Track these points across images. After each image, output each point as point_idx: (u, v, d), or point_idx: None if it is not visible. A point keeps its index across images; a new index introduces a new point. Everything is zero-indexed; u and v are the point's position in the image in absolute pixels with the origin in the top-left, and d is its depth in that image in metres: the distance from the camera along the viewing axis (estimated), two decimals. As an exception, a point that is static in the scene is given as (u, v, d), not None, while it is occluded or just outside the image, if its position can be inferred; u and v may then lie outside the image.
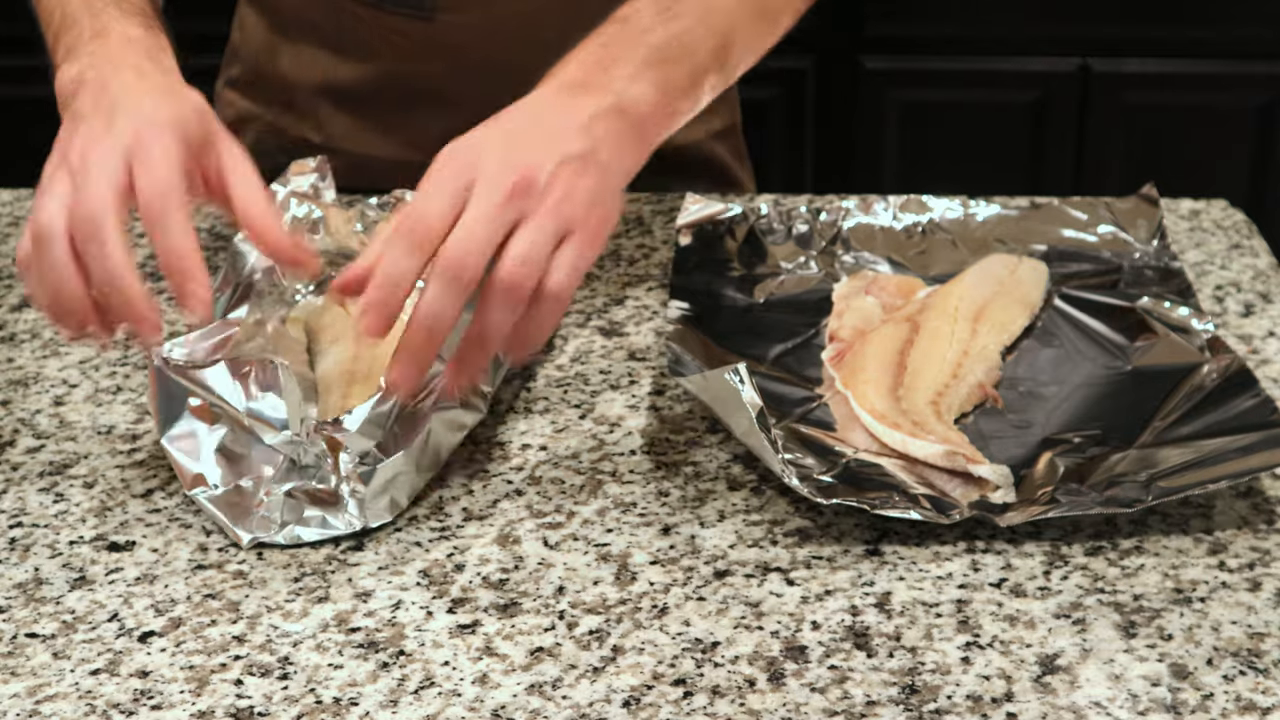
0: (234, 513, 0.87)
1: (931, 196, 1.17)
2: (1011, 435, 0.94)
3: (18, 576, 0.85)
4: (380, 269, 0.84)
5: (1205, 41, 2.29)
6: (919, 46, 2.33)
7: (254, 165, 0.93)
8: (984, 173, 2.29)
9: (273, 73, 1.32)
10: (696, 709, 0.74)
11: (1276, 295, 1.10)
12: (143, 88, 0.92)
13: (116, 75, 0.93)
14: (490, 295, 0.85)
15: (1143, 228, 1.14)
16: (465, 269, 0.84)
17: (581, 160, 0.88)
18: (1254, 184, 2.32)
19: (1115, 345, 1.02)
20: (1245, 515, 0.87)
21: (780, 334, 1.05)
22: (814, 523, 0.87)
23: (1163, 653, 0.77)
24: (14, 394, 1.02)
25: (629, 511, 0.89)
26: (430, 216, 0.85)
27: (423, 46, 1.25)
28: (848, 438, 0.93)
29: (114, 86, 0.92)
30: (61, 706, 0.75)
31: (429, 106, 1.27)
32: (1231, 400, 0.93)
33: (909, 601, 0.81)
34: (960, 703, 0.74)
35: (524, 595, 0.82)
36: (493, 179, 0.85)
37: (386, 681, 0.76)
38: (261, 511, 0.86)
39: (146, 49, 0.96)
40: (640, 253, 1.19)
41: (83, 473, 0.94)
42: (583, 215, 0.87)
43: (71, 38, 0.98)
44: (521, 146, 0.87)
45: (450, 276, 0.84)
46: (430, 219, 0.85)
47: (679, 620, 0.80)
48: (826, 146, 2.38)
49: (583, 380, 1.02)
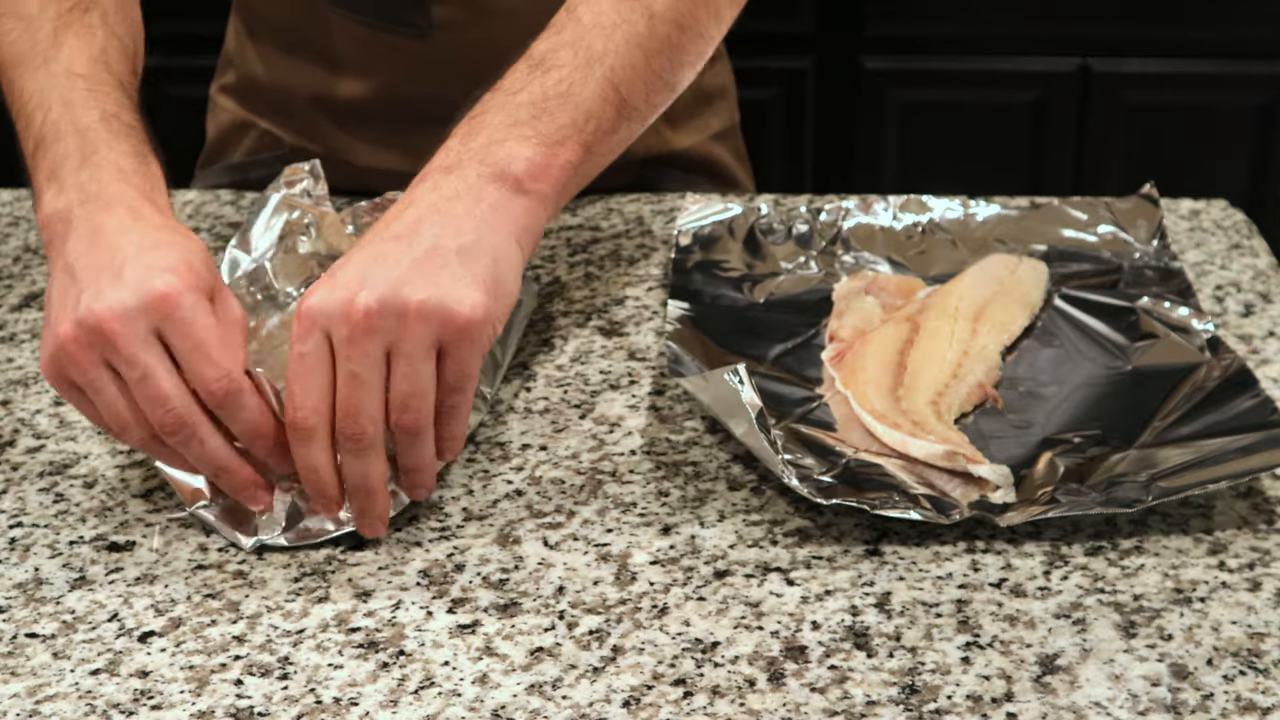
0: (235, 519, 0.87)
1: (931, 196, 1.17)
2: (1011, 435, 0.94)
3: (18, 576, 0.85)
4: (301, 471, 0.86)
5: (1205, 41, 2.29)
6: (919, 46, 2.33)
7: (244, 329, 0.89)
8: (984, 173, 2.29)
9: (268, 84, 1.32)
10: (696, 709, 0.74)
11: (1276, 295, 1.10)
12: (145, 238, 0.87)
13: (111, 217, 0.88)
14: (398, 441, 0.86)
15: (1143, 228, 1.14)
16: (363, 435, 0.84)
17: (432, 252, 0.86)
18: (1254, 184, 2.32)
19: (1115, 345, 1.02)
20: (1245, 515, 0.87)
21: (780, 334, 1.05)
22: (814, 523, 0.87)
23: (1163, 653, 0.77)
24: (14, 394, 1.02)
25: (629, 511, 0.89)
26: (307, 405, 0.84)
27: (419, 64, 1.24)
28: (848, 438, 0.93)
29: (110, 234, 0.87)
30: (61, 706, 0.75)
31: (426, 121, 1.26)
32: (1231, 400, 0.93)
33: (909, 601, 0.81)
34: (960, 703, 0.74)
35: (524, 595, 0.82)
36: (343, 326, 0.83)
37: (386, 681, 0.76)
38: (262, 519, 0.87)
39: (142, 189, 0.91)
40: (640, 253, 1.19)
41: (83, 473, 0.94)
42: (450, 313, 0.84)
43: (55, 157, 0.92)
44: (366, 275, 0.85)
45: (352, 447, 0.85)
46: (309, 406, 0.84)
47: (679, 620, 0.80)
48: (826, 146, 2.38)
49: (583, 380, 1.02)
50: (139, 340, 0.84)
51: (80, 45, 0.99)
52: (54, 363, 0.85)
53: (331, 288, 0.85)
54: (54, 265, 0.89)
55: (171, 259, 0.86)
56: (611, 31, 0.97)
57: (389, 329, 0.84)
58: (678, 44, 1.00)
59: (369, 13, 1.23)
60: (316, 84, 1.28)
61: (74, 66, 0.98)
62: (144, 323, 0.84)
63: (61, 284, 0.87)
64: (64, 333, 0.84)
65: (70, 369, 0.85)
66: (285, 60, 1.30)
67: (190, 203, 1.28)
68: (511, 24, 1.22)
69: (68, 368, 0.85)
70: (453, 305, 0.84)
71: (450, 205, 0.89)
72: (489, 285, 0.87)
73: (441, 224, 0.88)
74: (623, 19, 0.97)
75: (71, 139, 0.93)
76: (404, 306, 0.84)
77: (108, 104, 0.95)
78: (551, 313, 1.10)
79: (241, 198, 1.29)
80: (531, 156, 0.91)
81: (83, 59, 0.98)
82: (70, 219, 0.89)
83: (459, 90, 1.25)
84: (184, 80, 2.32)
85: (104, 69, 0.99)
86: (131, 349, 0.83)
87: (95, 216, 0.89)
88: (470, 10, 1.22)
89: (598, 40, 0.96)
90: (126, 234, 0.87)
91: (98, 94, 0.96)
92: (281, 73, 1.30)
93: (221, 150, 1.38)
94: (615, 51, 0.96)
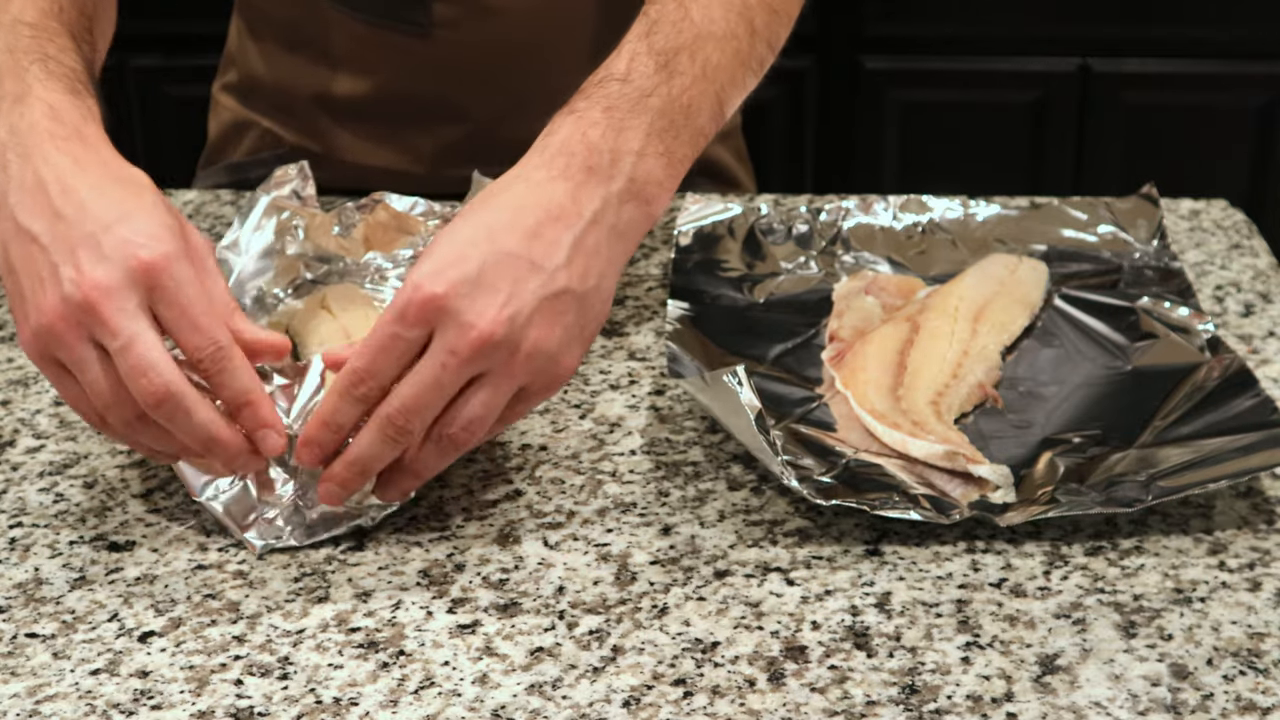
0: (240, 511, 0.87)
1: (931, 196, 1.17)
2: (1011, 435, 0.94)
3: (18, 576, 0.85)
4: (322, 412, 0.83)
5: (1205, 41, 2.29)
6: (919, 46, 2.33)
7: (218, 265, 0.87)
8: (984, 173, 2.29)
9: (269, 82, 1.32)
10: (696, 709, 0.74)
11: (1276, 295, 1.10)
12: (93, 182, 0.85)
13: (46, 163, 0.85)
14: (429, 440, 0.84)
15: (1143, 228, 1.14)
16: (408, 430, 0.82)
17: (559, 298, 0.83)
18: (1254, 184, 2.32)
19: (1115, 345, 1.02)
20: (1245, 515, 0.87)
21: (780, 334, 1.05)
22: (814, 523, 0.87)
23: (1163, 653, 0.77)
24: (14, 394, 1.02)
25: (629, 511, 0.89)
26: (378, 375, 0.82)
27: (421, 62, 1.24)
28: (848, 438, 0.93)
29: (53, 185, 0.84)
30: (61, 706, 0.75)
31: (427, 120, 1.27)
32: (1231, 400, 0.93)
33: (909, 601, 0.81)
34: (960, 703, 0.74)
35: (524, 595, 0.82)
36: (457, 336, 0.81)
37: (386, 681, 0.76)
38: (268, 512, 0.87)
39: (73, 123, 0.88)
40: (640, 253, 1.19)
41: (83, 473, 0.94)
42: (553, 365, 0.84)
43: None
44: (492, 285, 0.82)
45: (390, 434, 0.82)
46: (379, 378, 0.82)
47: (679, 620, 0.80)
48: (826, 146, 2.38)
49: (583, 380, 1.02)
50: (127, 314, 0.81)
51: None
52: (38, 341, 0.83)
53: (460, 284, 0.81)
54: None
55: (149, 225, 0.83)
56: (724, 44, 0.94)
57: (496, 360, 0.82)
58: (764, 61, 0.99)
59: (370, 11, 1.23)
60: (317, 82, 1.28)
61: (23, 16, 0.95)
62: (134, 296, 0.82)
63: (25, 251, 0.84)
64: (49, 310, 0.82)
65: (57, 348, 0.82)
66: (286, 59, 1.30)
67: (190, 203, 1.28)
68: (512, 22, 1.23)
69: (54, 347, 0.82)
70: (559, 357, 0.84)
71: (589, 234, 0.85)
72: (589, 339, 0.86)
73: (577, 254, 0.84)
74: (731, 32, 0.95)
75: (9, 82, 0.90)
76: (518, 346, 0.82)
77: (49, 48, 0.92)
78: (551, 313, 1.10)
79: (241, 198, 1.29)
80: (663, 181, 0.89)
81: (33, 10, 0.95)
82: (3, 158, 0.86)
83: (458, 88, 1.26)
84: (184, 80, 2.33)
85: (54, 19, 0.95)
86: (119, 321, 0.81)
87: (31, 157, 0.86)
88: (471, 9, 1.22)
89: (714, 53, 0.94)
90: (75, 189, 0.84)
91: (40, 39, 0.93)
92: (282, 71, 1.30)
93: (222, 149, 1.38)
94: (726, 69, 0.94)
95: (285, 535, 0.86)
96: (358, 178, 1.26)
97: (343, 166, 1.29)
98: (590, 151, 0.87)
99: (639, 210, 0.88)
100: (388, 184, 1.12)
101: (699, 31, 0.94)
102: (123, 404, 0.82)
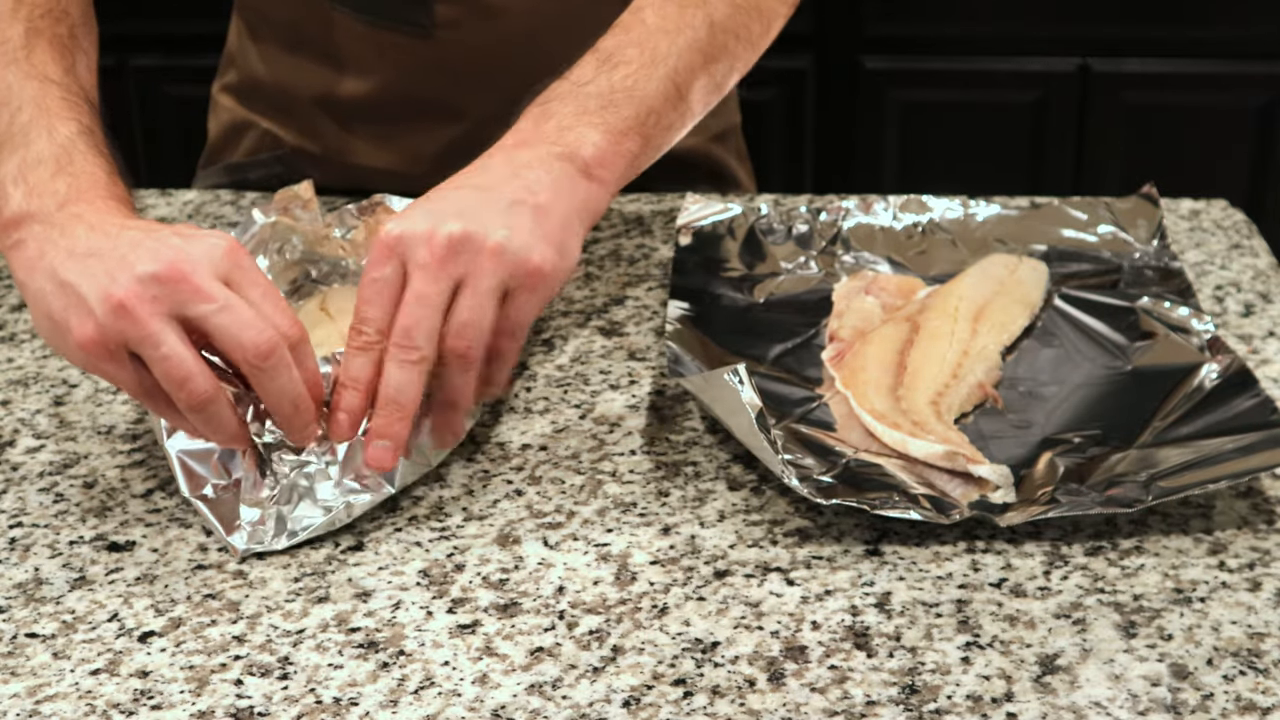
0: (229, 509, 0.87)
1: (931, 196, 1.17)
2: (1011, 435, 0.94)
3: (18, 576, 0.85)
4: (341, 375, 0.87)
5: (1205, 41, 2.29)
6: (919, 46, 2.33)
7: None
8: (984, 173, 2.29)
9: (269, 83, 1.32)
10: (696, 709, 0.74)
11: (1276, 295, 1.10)
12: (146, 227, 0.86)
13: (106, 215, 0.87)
14: (444, 365, 0.89)
15: (1143, 228, 1.14)
16: (415, 348, 0.87)
17: (514, 204, 0.90)
18: (1254, 184, 2.32)
19: (1115, 345, 1.02)
20: (1245, 515, 0.87)
21: (780, 334, 1.05)
22: (814, 523, 0.87)
23: (1163, 653, 0.77)
24: (14, 394, 1.02)
25: (629, 511, 0.89)
26: (373, 319, 0.87)
27: (422, 62, 1.24)
28: (848, 438, 0.93)
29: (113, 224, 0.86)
30: (61, 706, 0.75)
31: (428, 120, 1.27)
32: (1231, 400, 0.93)
33: (909, 601, 0.81)
34: (960, 703, 0.74)
35: (524, 595, 0.82)
36: (423, 250, 0.87)
37: (386, 681, 0.76)
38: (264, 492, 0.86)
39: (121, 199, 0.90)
40: (640, 253, 1.19)
41: (83, 473, 0.94)
42: (523, 258, 0.89)
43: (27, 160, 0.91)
44: (450, 210, 0.89)
45: (402, 358, 0.87)
46: (374, 322, 0.87)
47: (679, 620, 0.80)
48: (826, 146, 2.38)
49: (583, 380, 1.02)
50: (213, 281, 0.83)
51: (54, 54, 0.99)
52: (105, 327, 0.82)
53: (413, 220, 0.89)
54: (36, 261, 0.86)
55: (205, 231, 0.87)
56: (675, 35, 1.02)
57: (465, 261, 0.87)
58: (733, 52, 1.05)
59: (372, 11, 1.23)
60: (318, 83, 1.28)
61: (48, 72, 0.97)
62: (216, 267, 0.84)
63: (81, 266, 0.84)
64: (124, 290, 0.82)
65: (127, 327, 0.82)
66: (287, 59, 1.30)
67: (190, 203, 1.28)
68: (514, 23, 1.23)
69: (125, 327, 0.82)
70: (527, 252, 0.89)
71: (525, 171, 0.92)
72: (558, 244, 0.91)
73: (519, 184, 0.91)
74: (686, 24, 1.02)
75: (45, 144, 0.92)
76: (483, 243, 0.88)
77: (83, 117, 0.95)
78: (551, 313, 1.10)
79: (241, 197, 1.29)
80: (599, 143, 0.95)
81: (57, 68, 0.98)
82: (50, 221, 0.87)
83: (460, 89, 1.26)
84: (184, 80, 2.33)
85: (75, 81, 0.99)
86: (213, 287, 0.83)
87: (86, 215, 0.87)
88: (473, 9, 1.22)
89: (662, 42, 1.01)
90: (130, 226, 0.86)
91: (72, 105, 0.95)
92: (283, 72, 1.30)
93: (222, 150, 1.38)
94: (678, 54, 1.01)
95: (268, 540, 0.86)
96: (358, 178, 1.26)
97: (343, 167, 1.29)
98: (517, 135, 0.96)
99: (574, 167, 0.94)
100: (388, 185, 1.12)
101: (649, 29, 1.02)
102: (205, 373, 0.83)
